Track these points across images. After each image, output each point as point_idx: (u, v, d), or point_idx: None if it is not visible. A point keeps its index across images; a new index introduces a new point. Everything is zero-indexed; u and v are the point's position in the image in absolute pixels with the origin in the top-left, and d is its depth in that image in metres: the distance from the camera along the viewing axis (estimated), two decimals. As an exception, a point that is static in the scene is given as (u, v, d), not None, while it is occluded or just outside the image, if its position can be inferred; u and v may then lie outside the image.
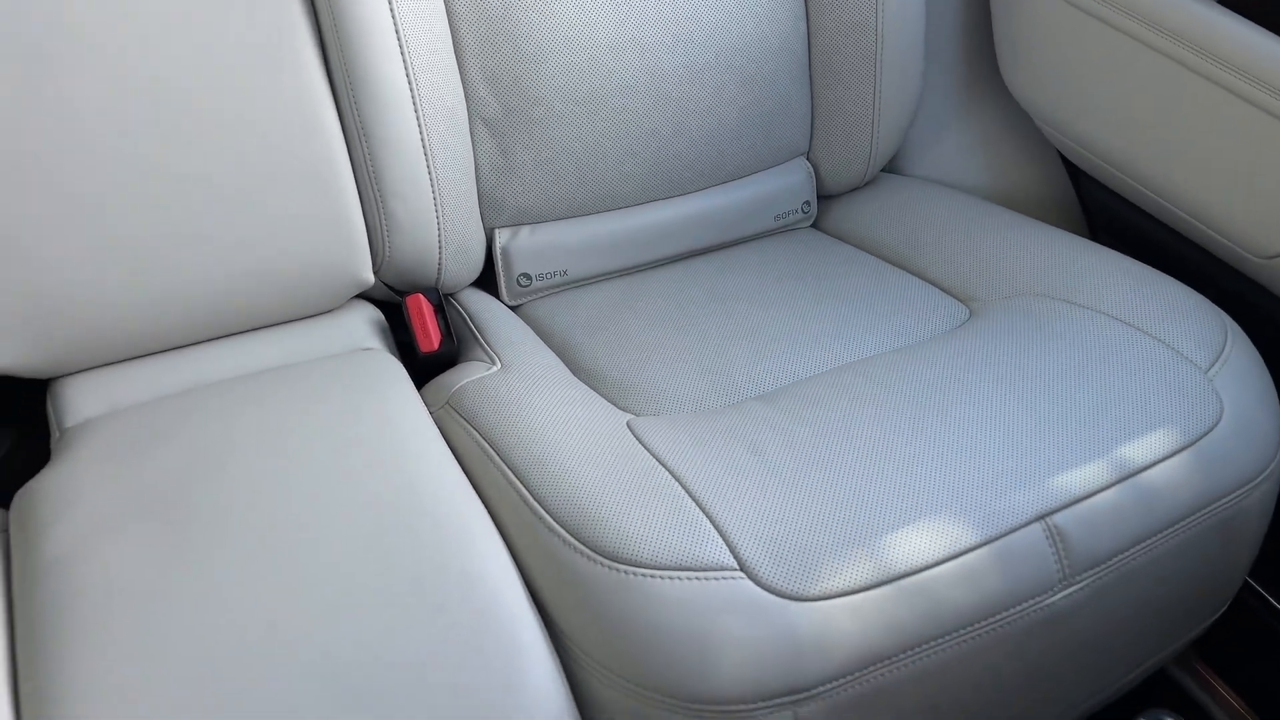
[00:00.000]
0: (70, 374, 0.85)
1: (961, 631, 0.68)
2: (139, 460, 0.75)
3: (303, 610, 0.64)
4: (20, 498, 0.75)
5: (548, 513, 0.71)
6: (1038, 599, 0.70)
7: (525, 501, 0.73)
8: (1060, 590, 0.71)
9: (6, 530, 0.74)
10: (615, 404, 0.85)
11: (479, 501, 0.74)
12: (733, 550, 0.67)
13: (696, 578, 0.66)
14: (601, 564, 0.67)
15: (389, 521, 0.70)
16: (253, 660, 0.61)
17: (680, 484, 0.73)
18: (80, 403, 0.83)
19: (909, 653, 0.67)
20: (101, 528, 0.69)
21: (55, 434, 0.82)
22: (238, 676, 0.60)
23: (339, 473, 0.73)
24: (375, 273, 0.92)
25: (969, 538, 0.69)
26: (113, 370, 0.85)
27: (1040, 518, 0.71)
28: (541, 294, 1.03)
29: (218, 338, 0.89)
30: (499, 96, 0.95)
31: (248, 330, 0.90)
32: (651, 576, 0.66)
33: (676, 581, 0.66)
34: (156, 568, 0.66)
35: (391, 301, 0.98)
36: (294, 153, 0.85)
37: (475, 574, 0.67)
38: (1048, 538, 0.71)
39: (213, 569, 0.66)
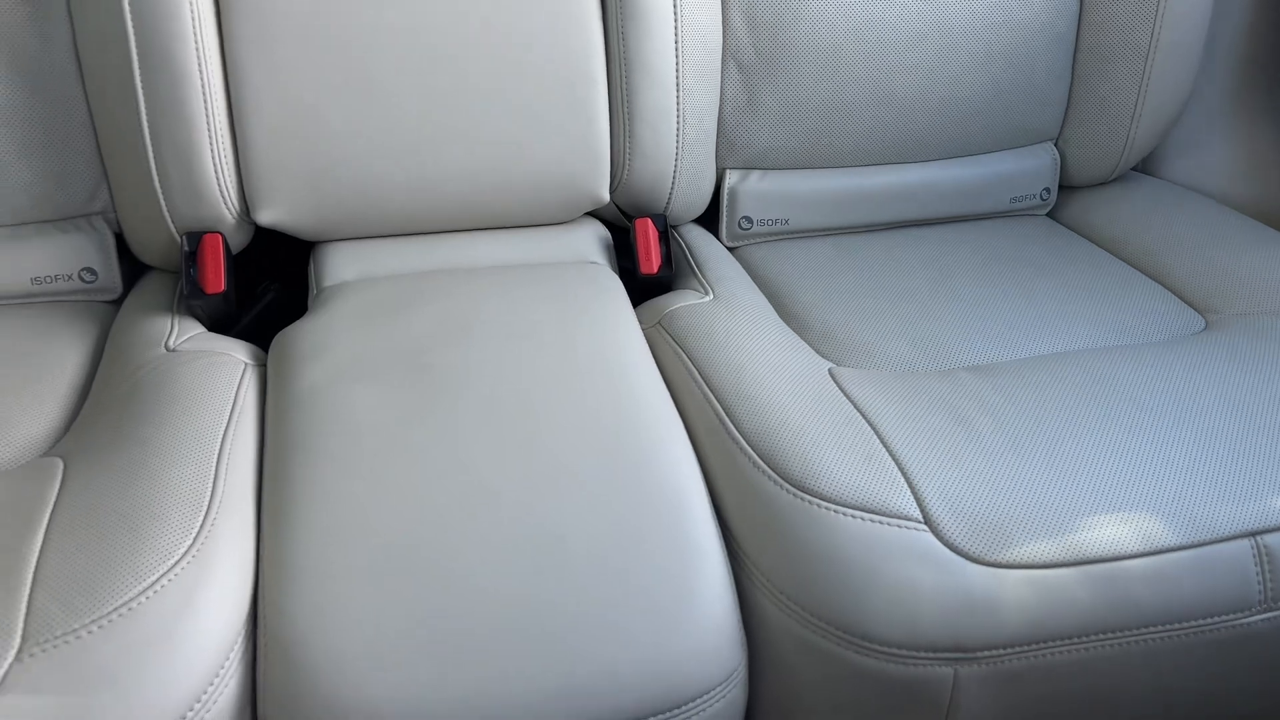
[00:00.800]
0: (334, 241, 0.94)
1: (1143, 630, 0.66)
2: (386, 321, 0.83)
3: (514, 475, 0.69)
4: (279, 340, 0.84)
5: (742, 435, 0.74)
6: (1232, 616, 0.67)
7: (722, 422, 0.76)
8: (1259, 612, 0.68)
9: (265, 366, 0.84)
10: (819, 351, 0.87)
11: (678, 415, 0.78)
12: (919, 502, 0.68)
13: (879, 520, 0.67)
14: (788, 490, 0.69)
15: (599, 415, 0.74)
16: (464, 510, 0.67)
17: (875, 432, 0.74)
18: (339, 266, 0.92)
19: (1084, 639, 0.66)
20: (348, 373, 0.77)
21: (314, 291, 0.91)
22: (449, 520, 0.66)
23: (561, 363, 0.79)
24: (610, 193, 0.97)
25: (1169, 538, 0.67)
26: (370, 242, 0.94)
27: (1250, 535, 0.68)
28: (759, 239, 1.06)
29: (463, 230, 0.96)
30: (755, 38, 0.97)
31: (490, 228, 0.97)
32: (835, 511, 0.68)
33: (858, 521, 0.67)
34: (393, 413, 0.73)
35: (617, 224, 1.02)
36: (559, 69, 0.90)
37: (669, 479, 0.71)
38: (1255, 556, 0.68)
39: (442, 423, 0.73)
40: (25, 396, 0.79)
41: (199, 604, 0.61)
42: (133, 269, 0.95)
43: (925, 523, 0.67)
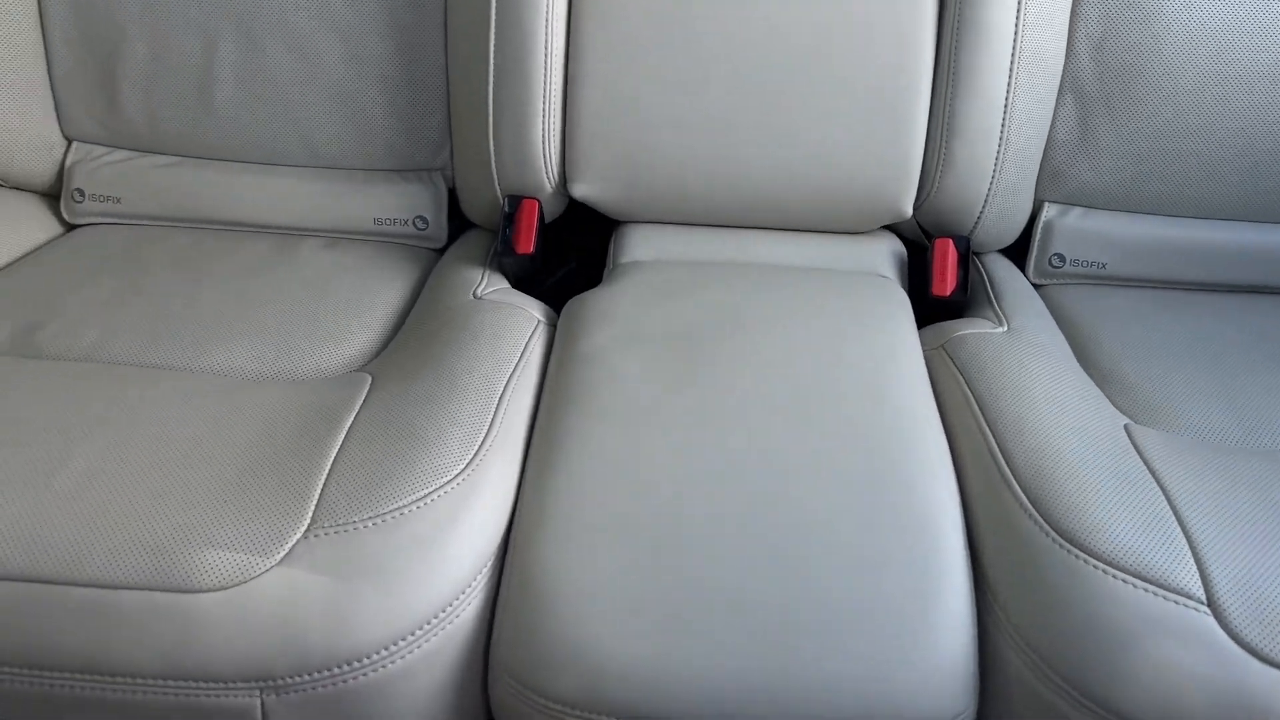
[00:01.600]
0: (636, 222, 0.99)
1: None
2: (671, 301, 0.85)
3: (769, 463, 0.69)
4: (572, 304, 0.90)
5: (1013, 473, 0.69)
6: None
7: (993, 455, 0.72)
8: None
9: (554, 327, 0.89)
10: (1116, 405, 0.80)
11: (945, 440, 0.74)
12: (1205, 581, 0.61)
13: (1154, 592, 0.61)
14: (1055, 539, 0.64)
15: (861, 424, 0.73)
16: (716, 486, 0.68)
17: (1167, 498, 0.67)
18: (636, 246, 0.96)
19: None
20: (628, 341, 0.81)
21: (610, 265, 0.96)
22: (701, 494, 0.67)
23: (832, 367, 0.78)
24: (915, 209, 0.94)
25: None
26: (668, 228, 0.98)
27: None
28: (1069, 280, 0.99)
29: (759, 228, 0.97)
30: (1101, 68, 0.91)
31: (786, 229, 0.97)
32: (1105, 571, 0.62)
33: (1131, 587, 0.61)
34: (661, 383, 0.76)
35: (915, 241, 0.99)
36: (883, 79, 0.89)
37: (924, 503, 0.68)
38: None
39: (706, 401, 0.74)
40: (353, 318, 0.88)
41: (461, 522, 0.65)
42: (457, 225, 1.05)
43: (1209, 605, 0.60)
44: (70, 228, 1.03)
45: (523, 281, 0.97)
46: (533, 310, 0.89)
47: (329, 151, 1.00)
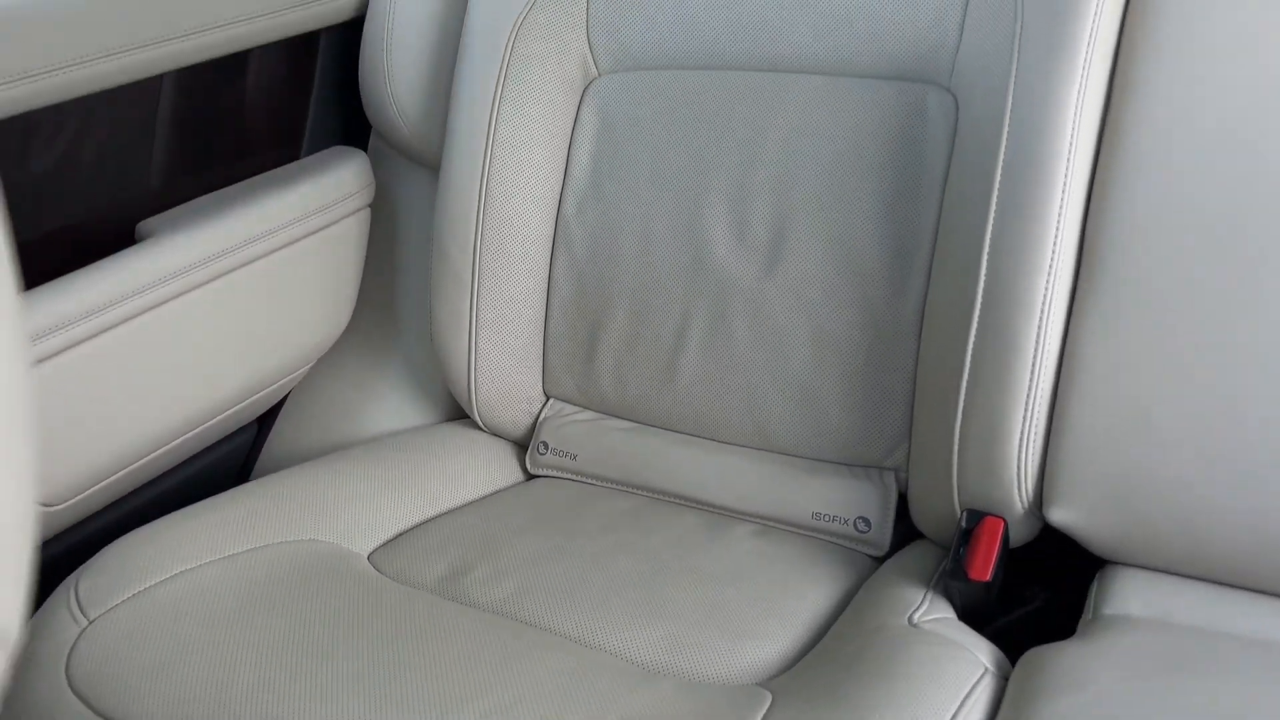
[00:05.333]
0: (1128, 565, 0.79)
1: None
2: (1163, 687, 0.64)
3: None
4: (1030, 657, 0.72)
5: None
6: None
7: None
8: None
9: (1007, 680, 0.72)
10: None
11: None
12: None
13: None
14: None
15: None
16: None
17: None
18: (1128, 595, 0.76)
19: None
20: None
21: (1088, 614, 0.77)
22: None
23: None
24: None
25: None
26: (1176, 580, 0.77)
27: None
28: None
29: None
30: None
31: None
32: None
33: None
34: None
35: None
36: None
37: None
38: None
39: None
40: (770, 618, 0.79)
41: None
42: (903, 532, 0.92)
43: None
44: (530, 477, 1.07)
45: (972, 613, 0.81)
46: (979, 653, 0.73)
47: (777, 434, 0.95)
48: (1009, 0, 0.82)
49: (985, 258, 0.80)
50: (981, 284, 0.80)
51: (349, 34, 1.12)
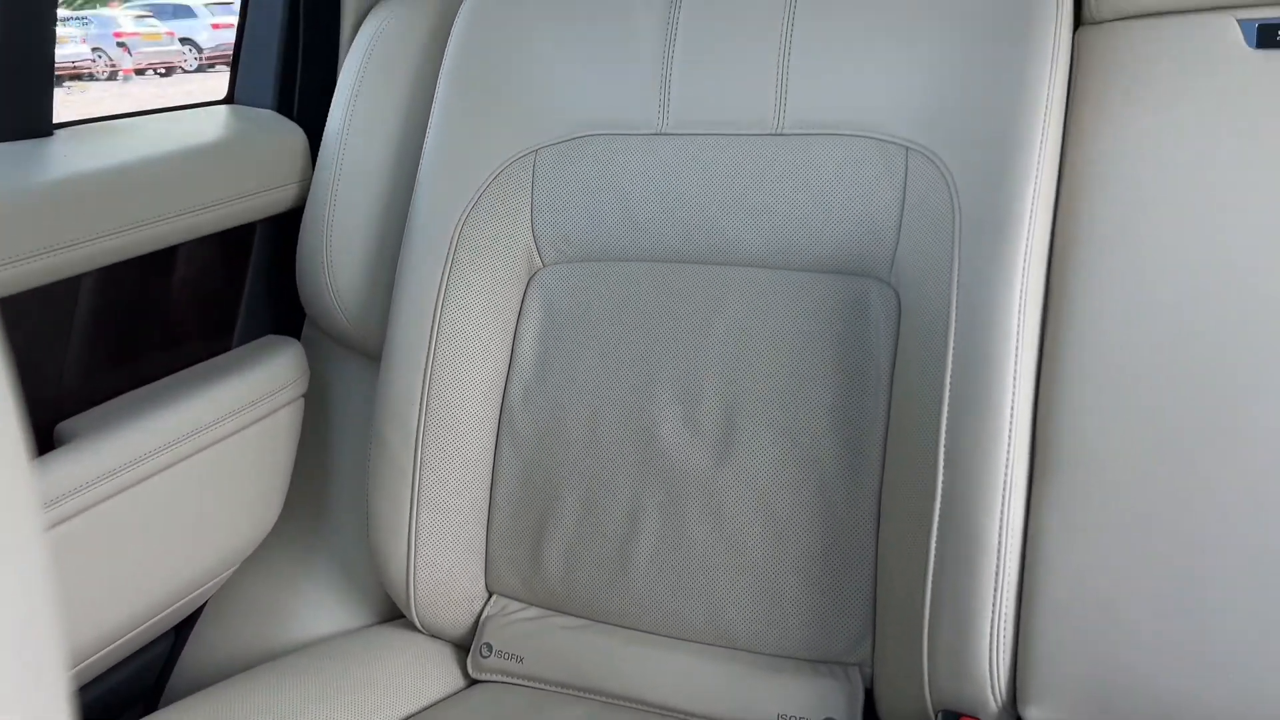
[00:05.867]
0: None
1: None
2: None
3: None
4: None
5: None
6: None
7: None
8: None
9: None
10: None
11: None
12: None
13: None
14: None
15: None
16: None
17: None
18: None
19: None
20: None
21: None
22: None
23: None
24: None
25: None
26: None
27: None
28: None
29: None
30: None
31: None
32: None
33: None
34: None
35: None
36: None
37: None
38: None
39: None
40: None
41: None
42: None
43: None
44: (473, 682, 1.00)
45: (955, 824, 0.77)
46: None
47: (737, 630, 0.92)
48: (944, 197, 0.85)
49: (942, 452, 0.80)
50: (940, 478, 0.80)
51: (285, 221, 1.11)
